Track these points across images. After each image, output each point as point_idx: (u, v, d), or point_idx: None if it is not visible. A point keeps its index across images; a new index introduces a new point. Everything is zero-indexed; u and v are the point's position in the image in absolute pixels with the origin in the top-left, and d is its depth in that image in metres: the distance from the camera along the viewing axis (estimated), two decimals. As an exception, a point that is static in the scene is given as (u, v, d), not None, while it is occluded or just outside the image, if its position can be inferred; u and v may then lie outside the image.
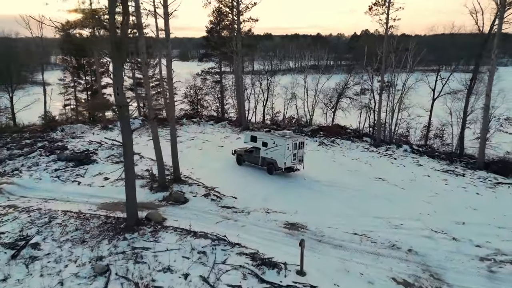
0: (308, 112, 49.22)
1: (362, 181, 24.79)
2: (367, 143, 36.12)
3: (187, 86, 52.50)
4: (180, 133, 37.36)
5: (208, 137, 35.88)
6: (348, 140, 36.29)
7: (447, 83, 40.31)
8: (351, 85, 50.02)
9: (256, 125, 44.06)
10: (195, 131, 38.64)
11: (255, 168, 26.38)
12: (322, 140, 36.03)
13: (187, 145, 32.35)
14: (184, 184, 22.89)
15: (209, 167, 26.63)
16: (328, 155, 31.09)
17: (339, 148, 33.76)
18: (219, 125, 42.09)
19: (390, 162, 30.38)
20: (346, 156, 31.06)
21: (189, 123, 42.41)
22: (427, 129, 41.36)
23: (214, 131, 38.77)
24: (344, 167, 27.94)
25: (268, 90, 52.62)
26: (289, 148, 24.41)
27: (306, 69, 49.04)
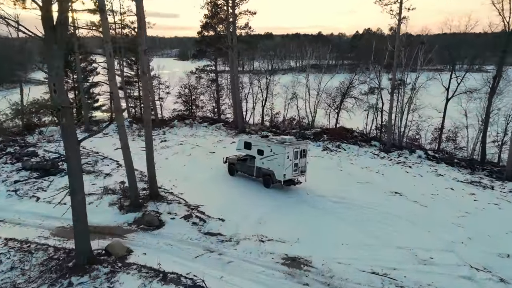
0: (310, 113, 44.88)
1: (376, 197, 20.45)
2: (376, 148, 31.78)
3: (181, 85, 48.28)
4: (169, 136, 33.10)
5: (199, 141, 31.57)
6: (355, 144, 31.93)
7: (463, 81, 36.09)
8: (356, 84, 45.66)
9: (254, 127, 39.75)
10: (186, 134, 34.34)
11: (249, 180, 22.08)
12: (326, 144, 31.69)
13: (174, 151, 28.06)
14: (162, 201, 18.60)
15: (196, 178, 22.33)
16: (333, 163, 26.75)
17: (346, 154, 29.42)
18: (213, 128, 37.80)
19: (405, 171, 26.02)
20: (355, 164, 26.72)
21: (180, 125, 38.13)
22: (440, 132, 37.02)
23: (207, 134, 34.48)
24: (353, 177, 23.59)
25: (267, 89, 48.31)
26: (289, 157, 20.10)
27: (308, 67, 44.71)
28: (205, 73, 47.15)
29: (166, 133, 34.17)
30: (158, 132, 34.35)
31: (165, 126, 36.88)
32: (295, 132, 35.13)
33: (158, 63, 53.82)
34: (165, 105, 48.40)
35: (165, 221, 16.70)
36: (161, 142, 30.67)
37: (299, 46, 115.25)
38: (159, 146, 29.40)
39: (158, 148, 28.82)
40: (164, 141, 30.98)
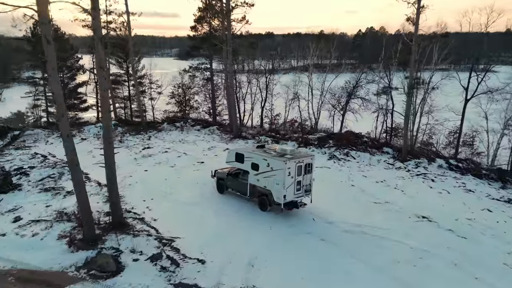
0: (313, 114, 40.30)
1: (400, 223, 15.90)
2: (390, 156, 27.22)
3: (174, 85, 43.77)
4: (154, 142, 28.56)
5: (188, 148, 27.02)
6: (365, 152, 27.36)
7: (483, 80, 31.59)
8: (363, 84, 41.06)
9: (252, 131, 35.19)
10: (174, 139, 29.80)
11: (242, 200, 17.54)
12: (333, 152, 27.12)
13: (157, 161, 23.51)
14: (127, 232, 14.08)
15: (177, 198, 17.81)
16: (343, 175, 22.18)
17: (356, 164, 24.85)
18: (206, 132, 33.26)
19: (428, 185, 21.44)
20: (368, 177, 22.13)
21: (170, 129, 33.59)
22: (458, 136, 32.46)
23: (198, 140, 29.92)
24: (367, 195, 19.01)
25: (266, 89, 43.75)
26: (291, 173, 15.56)
27: (311, 65, 40.11)
28: (200, 71, 42.63)
29: (152, 138, 29.63)
30: (142, 137, 29.83)
31: (152, 130, 32.35)
32: (297, 137, 30.55)
33: (155, 62, 49.48)
34: (157, 106, 43.97)
35: (125, 264, 12.19)
36: (144, 149, 26.13)
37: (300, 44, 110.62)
38: (140, 154, 24.88)
39: (139, 157, 24.31)
40: (147, 148, 26.44)
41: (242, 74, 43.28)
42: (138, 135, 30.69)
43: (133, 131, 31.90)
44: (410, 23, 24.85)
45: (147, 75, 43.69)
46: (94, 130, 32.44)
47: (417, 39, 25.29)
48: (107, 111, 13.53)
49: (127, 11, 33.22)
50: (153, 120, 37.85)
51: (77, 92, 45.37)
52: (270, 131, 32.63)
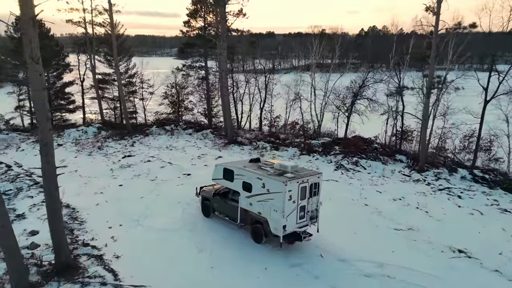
0: (316, 116, 36.57)
1: (432, 260, 12.20)
2: (404, 165, 23.52)
3: (167, 84, 40.11)
4: (138, 149, 24.88)
5: (175, 155, 23.32)
6: (376, 160, 23.64)
7: (505, 79, 27.83)
8: (370, 83, 37.32)
9: (249, 135, 31.48)
10: (161, 144, 26.10)
11: (231, 227, 13.84)
12: (340, 160, 23.41)
13: (136, 172, 19.82)
14: (75, 279, 10.38)
15: (152, 223, 14.14)
16: (353, 191, 18.44)
17: (367, 176, 21.12)
18: (199, 136, 29.57)
19: (455, 204, 17.69)
20: (383, 193, 18.39)
21: (159, 132, 29.88)
22: (477, 141, 28.67)
23: (189, 145, 26.22)
24: (386, 219, 15.30)
25: (266, 89, 40.03)
26: (292, 197, 11.88)
27: (314, 64, 36.36)
28: (194, 70, 38.93)
29: (136, 144, 25.93)
30: (126, 143, 26.14)
31: (138, 134, 28.65)
32: (299, 142, 26.82)
33: (147, 60, 45.81)
34: (149, 107, 40.34)
35: (59, 336, 8.52)
36: (124, 157, 22.44)
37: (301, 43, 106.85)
38: (118, 164, 21.20)
39: (116, 167, 20.63)
40: (128, 156, 22.73)
41: (240, 74, 39.61)
42: (122, 140, 27.04)
43: (118, 135, 28.25)
44: (430, 12, 21.06)
45: (138, 74, 40.04)
46: (75, 134, 28.81)
47: (437, 33, 21.42)
48: (45, 120, 9.80)
49: (110, 9, 29.54)
50: (142, 123, 34.20)
51: (64, 92, 41.79)
52: (269, 135, 28.91)
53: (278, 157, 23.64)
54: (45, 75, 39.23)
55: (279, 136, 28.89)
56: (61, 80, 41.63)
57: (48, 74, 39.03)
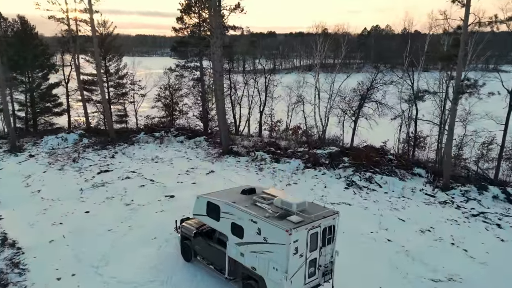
0: (321, 121, 33.00)
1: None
2: (424, 180, 19.95)
3: (160, 86, 36.60)
4: (119, 161, 21.35)
5: (160, 170, 19.75)
6: (392, 175, 20.06)
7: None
8: (378, 85, 33.73)
9: (247, 142, 27.94)
10: (146, 155, 22.55)
11: (219, 281, 10.27)
12: (351, 175, 19.83)
13: (110, 193, 16.27)
14: None
15: (115, 272, 10.64)
16: (370, 218, 14.85)
17: (385, 196, 17.55)
18: (191, 144, 26.06)
19: (495, 236, 14.14)
20: (406, 221, 14.81)
21: (147, 140, 26.35)
22: (501, 150, 25.09)
23: (178, 156, 22.68)
24: (416, 262, 11.75)
25: (266, 91, 36.50)
26: (299, 250, 8.38)
27: (318, 64, 32.71)
28: (188, 70, 35.36)
29: (118, 155, 22.38)
30: (107, 153, 22.61)
31: (123, 143, 25.11)
32: (303, 153, 23.23)
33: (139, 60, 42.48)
34: (141, 110, 36.85)
35: None
36: (100, 173, 18.88)
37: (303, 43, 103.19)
38: (91, 182, 17.66)
39: (88, 186, 17.11)
40: (104, 171, 19.15)
41: (238, 74, 36.07)
42: (103, 149, 23.52)
43: (100, 144, 24.74)
44: (457, 4, 17.39)
45: (129, 75, 36.54)
46: (53, 143, 25.32)
47: (466, 30, 17.71)
48: None
49: (90, 9, 25.95)
50: (130, 128, 30.67)
51: (51, 94, 38.32)
52: (268, 144, 25.28)
53: (279, 171, 20.10)
54: (29, 76, 36.02)
55: (280, 145, 25.24)
56: (47, 81, 38.22)
57: (33, 75, 35.69)
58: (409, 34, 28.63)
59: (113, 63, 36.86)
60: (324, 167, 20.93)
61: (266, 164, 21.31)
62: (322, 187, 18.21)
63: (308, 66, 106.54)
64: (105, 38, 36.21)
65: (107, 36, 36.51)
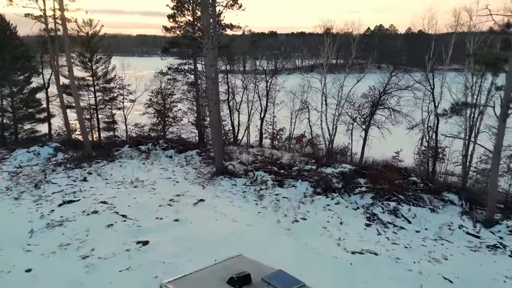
0: (328, 130, 29.04)
1: None
2: (459, 211, 16.02)
3: (152, 90, 32.77)
4: (91, 185, 17.38)
5: (139, 198, 15.75)
6: (420, 203, 16.11)
7: None
8: (392, 90, 29.74)
9: (245, 156, 24.05)
10: (126, 176, 18.56)
11: None
12: (370, 205, 15.88)
13: (66, 238, 12.26)
14: None
15: None
16: (406, 277, 10.82)
17: (416, 236, 13.58)
18: (181, 160, 22.15)
19: None
20: (454, 281, 10.79)
21: (131, 154, 22.46)
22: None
23: (163, 177, 18.72)
24: None
25: (267, 96, 32.56)
26: None
27: (325, 66, 28.65)
28: (182, 74, 31.43)
29: (91, 177, 18.40)
30: (79, 173, 18.64)
31: (102, 159, 21.18)
32: (310, 172, 19.24)
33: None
34: (132, 118, 33.00)
35: None
36: (62, 204, 14.87)
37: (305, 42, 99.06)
38: (48, 218, 13.65)
39: (42, 225, 13.12)
40: (69, 202, 15.12)
41: (237, 77, 32.09)
42: (77, 168, 19.58)
43: (75, 161, 20.79)
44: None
45: (117, 79, 32.64)
46: (23, 158, 21.47)
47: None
48: None
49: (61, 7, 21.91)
50: (116, 139, 26.75)
51: (34, 99, 34.48)
52: (270, 163, 21.24)
53: (283, 200, 16.14)
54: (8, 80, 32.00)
55: (283, 163, 21.21)
56: (30, 84, 34.32)
57: (10, 78, 31.79)
58: (433, 35, 24.46)
59: (100, 65, 32.94)
60: (337, 193, 16.95)
61: (268, 188, 17.34)
62: (337, 223, 14.24)
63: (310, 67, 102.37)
64: (91, 38, 32.26)
65: (93, 35, 32.55)
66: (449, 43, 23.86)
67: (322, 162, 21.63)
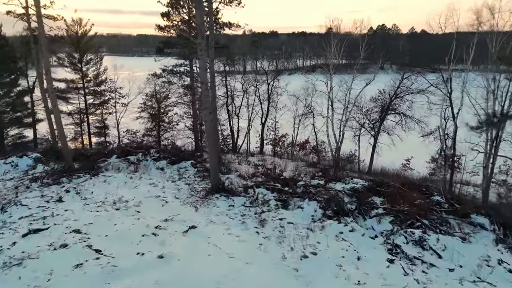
0: (334, 136, 26.54)
1: None
2: (493, 238, 13.48)
3: (146, 93, 30.38)
4: (66, 205, 14.84)
5: (119, 224, 13.24)
6: (449, 229, 13.59)
7: None
8: (403, 94, 27.26)
9: (245, 166, 21.58)
10: (109, 195, 16.03)
11: None
12: (389, 231, 13.38)
13: (23, 285, 9.79)
14: None
15: None
16: None
17: (450, 276, 11.06)
18: (174, 172, 19.67)
19: None
20: None
21: (118, 166, 19.98)
22: None
23: (151, 195, 16.20)
24: None
25: (269, 99, 30.05)
26: None
27: (332, 68, 26.08)
28: (177, 76, 28.92)
29: (69, 196, 15.89)
30: (54, 193, 16.10)
31: (85, 172, 18.67)
32: (317, 189, 16.72)
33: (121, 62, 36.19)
34: (124, 122, 30.66)
35: None
36: (26, 235, 12.33)
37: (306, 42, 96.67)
38: (5, 255, 11.13)
39: (-7, 267, 10.60)
40: (36, 231, 12.59)
41: (236, 80, 29.50)
42: (55, 184, 17.09)
43: (54, 175, 18.29)
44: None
45: (108, 81, 30.23)
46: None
47: None
48: None
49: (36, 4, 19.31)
50: (99, 149, 24.21)
51: (23, 102, 32.17)
52: (273, 177, 18.71)
53: (288, 226, 13.63)
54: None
55: (286, 178, 18.66)
56: (17, 87, 31.99)
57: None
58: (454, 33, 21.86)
59: (91, 66, 30.53)
60: (350, 216, 14.42)
61: (270, 210, 14.83)
62: (354, 258, 11.71)
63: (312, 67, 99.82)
64: (81, 38, 29.84)
65: (83, 35, 30.12)
66: (470, 43, 21.32)
67: (330, 175, 19.09)
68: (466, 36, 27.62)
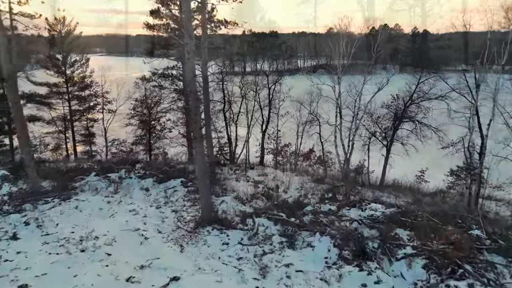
0: (343, 147, 23.50)
1: None
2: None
3: (136, 98, 27.28)
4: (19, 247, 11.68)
5: (82, 274, 10.19)
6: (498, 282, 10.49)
7: None
8: (418, 101, 24.20)
9: (243, 184, 18.53)
10: (77, 227, 12.93)
11: None
12: (422, 281, 10.29)
13: None
14: None
15: None
16: None
17: None
18: (160, 194, 16.60)
19: None
20: None
21: (96, 186, 16.87)
22: None
23: (128, 228, 13.08)
24: None
25: (269, 105, 26.94)
26: None
27: (340, 70, 22.95)
28: (169, 80, 25.84)
29: (27, 230, 12.80)
30: (8, 227, 12.99)
31: (56, 194, 15.56)
32: (329, 219, 13.63)
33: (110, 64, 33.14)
34: (112, 131, 27.60)
35: None
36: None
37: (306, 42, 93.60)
38: None
39: None
40: None
41: (234, 84, 26.38)
42: (16, 212, 13.99)
43: (17, 198, 15.20)
44: None
45: (93, 85, 27.14)
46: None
47: None
48: None
49: None
50: (77, 164, 21.05)
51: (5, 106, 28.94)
52: (277, 204, 15.59)
53: (296, 276, 10.55)
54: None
55: (292, 205, 15.53)
56: (0, 91, 28.78)
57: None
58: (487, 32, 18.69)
59: (76, 68, 27.43)
60: (374, 260, 11.33)
61: (274, 251, 11.73)
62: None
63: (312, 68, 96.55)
64: (65, 38, 26.73)
65: (67, 35, 27.03)
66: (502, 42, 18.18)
67: (341, 200, 16.00)
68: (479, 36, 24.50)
